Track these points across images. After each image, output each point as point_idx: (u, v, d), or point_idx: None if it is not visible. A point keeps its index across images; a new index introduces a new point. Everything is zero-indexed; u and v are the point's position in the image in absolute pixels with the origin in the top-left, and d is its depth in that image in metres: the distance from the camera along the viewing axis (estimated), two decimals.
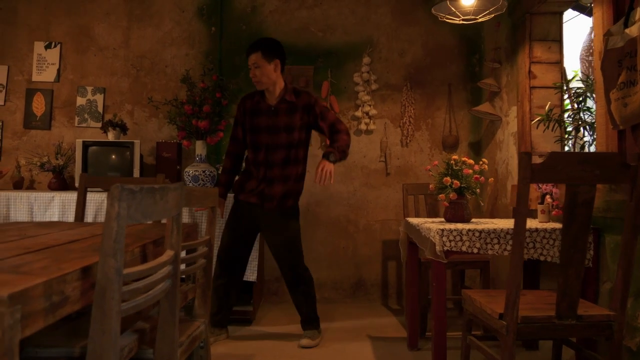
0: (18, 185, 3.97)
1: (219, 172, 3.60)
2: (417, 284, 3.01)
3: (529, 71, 3.18)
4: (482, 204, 3.26)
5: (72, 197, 3.43)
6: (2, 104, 4.10)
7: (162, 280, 1.28)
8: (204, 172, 3.64)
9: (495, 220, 2.75)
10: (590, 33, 3.32)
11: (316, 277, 4.08)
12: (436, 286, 2.41)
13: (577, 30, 3.75)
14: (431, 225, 2.46)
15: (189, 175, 3.65)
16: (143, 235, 1.72)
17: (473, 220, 2.70)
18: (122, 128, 3.83)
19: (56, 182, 3.78)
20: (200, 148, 3.72)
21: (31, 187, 4.07)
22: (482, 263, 3.23)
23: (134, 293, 1.14)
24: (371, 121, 4.06)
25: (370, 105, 4.05)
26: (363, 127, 4.06)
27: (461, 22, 2.83)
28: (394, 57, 4.14)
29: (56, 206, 3.44)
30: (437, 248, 2.33)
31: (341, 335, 3.27)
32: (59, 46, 4.12)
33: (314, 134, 4.06)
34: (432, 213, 3.62)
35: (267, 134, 3.00)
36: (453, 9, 2.70)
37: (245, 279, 3.39)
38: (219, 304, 3.07)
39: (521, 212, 1.80)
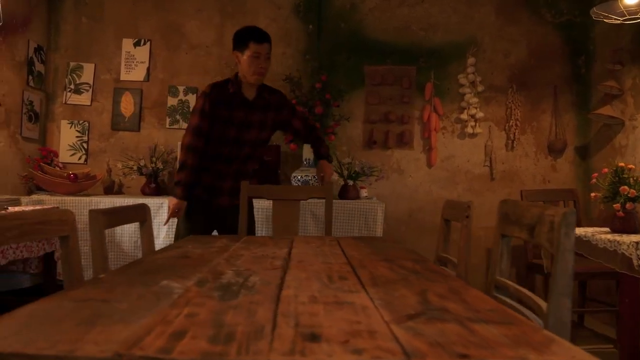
0: (108, 190, 3.77)
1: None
2: None
3: None
4: None
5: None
6: (89, 104, 3.89)
7: None
8: (314, 177, 3.47)
9: None
10: None
11: None
12: (629, 302, 2.26)
13: None
14: (619, 237, 2.32)
15: (298, 180, 3.48)
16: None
17: None
18: None
19: (153, 187, 3.59)
20: (308, 152, 3.54)
21: (120, 191, 3.87)
22: (618, 274, 3.08)
23: None
24: (477, 124, 3.90)
25: (476, 108, 3.89)
26: (469, 130, 3.90)
27: (623, 22, 2.68)
28: (498, 57, 3.98)
29: (165, 213, 3.24)
30: (635, 262, 2.19)
31: None
32: (148, 43, 3.91)
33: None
34: None
35: (237, 128, 2.75)
36: (622, 8, 2.55)
37: None
38: None
39: None
